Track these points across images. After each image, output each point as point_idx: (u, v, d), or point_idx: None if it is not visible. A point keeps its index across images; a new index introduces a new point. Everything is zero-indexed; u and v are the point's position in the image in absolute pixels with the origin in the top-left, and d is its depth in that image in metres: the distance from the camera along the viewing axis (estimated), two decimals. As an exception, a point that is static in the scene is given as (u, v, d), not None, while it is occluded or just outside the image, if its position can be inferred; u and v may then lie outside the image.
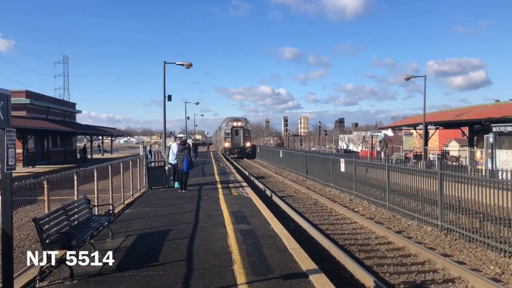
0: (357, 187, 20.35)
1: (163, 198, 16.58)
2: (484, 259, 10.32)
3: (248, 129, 64.71)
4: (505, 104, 33.88)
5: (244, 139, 63.05)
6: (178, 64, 25.86)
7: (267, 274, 7.16)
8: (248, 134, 64.51)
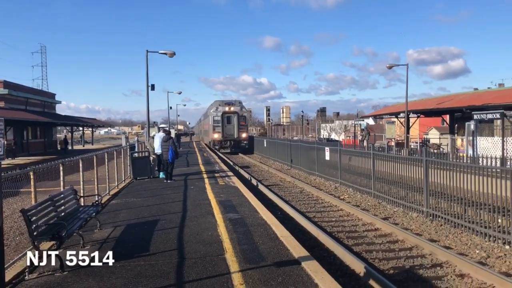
0: (342, 175, 20.49)
1: (149, 188, 16.44)
2: (469, 243, 10.51)
3: (244, 115, 49.69)
4: (485, 92, 34.42)
5: (239, 128, 48.32)
6: (161, 53, 25.54)
7: (260, 261, 7.16)
8: (245, 122, 49.67)
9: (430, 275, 8.47)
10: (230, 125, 48.41)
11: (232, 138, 48.27)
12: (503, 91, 30.94)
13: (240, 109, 49.07)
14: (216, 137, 47.99)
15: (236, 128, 48.16)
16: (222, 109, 48.02)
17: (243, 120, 49.36)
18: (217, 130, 48.00)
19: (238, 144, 48.23)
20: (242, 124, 48.79)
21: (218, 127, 47.94)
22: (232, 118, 48.37)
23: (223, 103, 49.33)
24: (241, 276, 6.50)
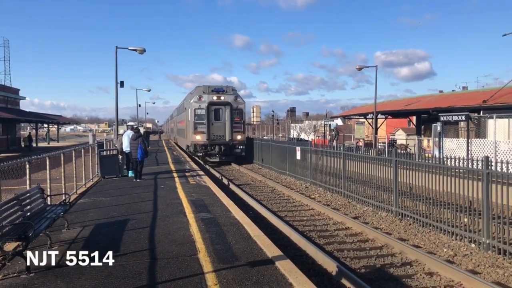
0: (313, 174, 20.64)
1: (118, 187, 16.12)
2: (437, 242, 10.75)
3: (240, 108, 33.01)
4: (450, 95, 35.38)
5: (232, 127, 32.21)
6: (131, 49, 25.15)
7: (234, 261, 7.11)
8: (240, 117, 33.07)
9: (401, 273, 8.61)
10: (220, 123, 32.02)
11: (222, 141, 31.90)
12: (468, 94, 31.88)
13: (234, 99, 32.29)
14: (199, 139, 31.39)
15: (229, 126, 31.90)
16: (208, 99, 31.64)
17: (239, 115, 32.51)
18: (200, 129, 31.66)
19: (231, 149, 32.12)
20: (237, 121, 32.26)
21: (201, 125, 31.67)
22: (223, 112, 32.04)
23: (209, 89, 32.09)
24: (215, 276, 6.43)
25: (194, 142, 31.87)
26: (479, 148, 19.77)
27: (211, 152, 31.99)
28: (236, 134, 32.11)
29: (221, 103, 32.03)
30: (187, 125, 33.94)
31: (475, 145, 20.17)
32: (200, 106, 31.73)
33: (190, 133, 32.57)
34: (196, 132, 31.69)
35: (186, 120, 34.83)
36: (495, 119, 19.58)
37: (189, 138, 33.24)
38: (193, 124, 31.83)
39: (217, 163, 32.54)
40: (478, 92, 29.89)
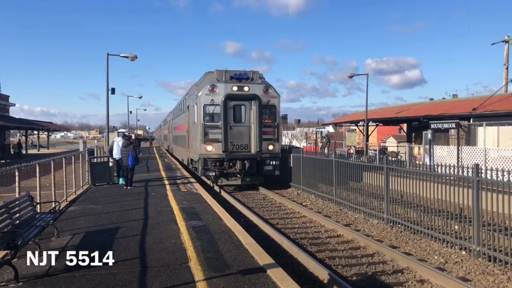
0: (304, 181, 20.65)
1: (108, 195, 16.01)
2: (428, 249, 10.78)
3: (273, 104, 21.50)
4: (440, 102, 35.68)
5: (261, 132, 20.83)
6: (122, 56, 25.08)
7: (225, 270, 7.07)
8: (273, 119, 21.48)
9: (392, 281, 8.62)
10: (243, 126, 21.11)
11: (246, 153, 21.00)
12: (458, 102, 32.16)
13: (264, 91, 21.36)
14: (211, 150, 20.75)
15: (256, 131, 20.79)
16: (226, 90, 20.85)
17: (271, 114, 21.53)
18: (213, 135, 20.76)
19: (259, 166, 21.18)
20: (268, 124, 21.29)
21: (214, 129, 20.77)
22: (247, 110, 21.12)
23: (226, 75, 21.22)
24: (206, 284, 6.39)
25: (203, 155, 20.33)
26: (469, 155, 19.93)
27: (229, 170, 20.48)
28: (267, 143, 20.67)
29: (245, 97, 20.56)
30: (192, 130, 22.98)
31: (465, 153, 20.33)
32: (212, 100, 20.38)
33: (196, 142, 21.28)
34: (207, 140, 20.29)
35: (189, 123, 24.45)
36: (485, 127, 19.76)
37: (194, 149, 22.14)
38: (201, 128, 20.39)
39: (239, 187, 21.81)
40: (468, 100, 30.17)
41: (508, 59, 31.72)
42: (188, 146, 25.22)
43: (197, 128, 21.12)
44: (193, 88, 25.08)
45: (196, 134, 21.31)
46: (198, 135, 20.82)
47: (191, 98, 23.50)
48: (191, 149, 23.86)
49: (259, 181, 21.53)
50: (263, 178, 21.47)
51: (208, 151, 20.44)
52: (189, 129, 24.73)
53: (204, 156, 20.55)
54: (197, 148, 21.28)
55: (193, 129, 22.63)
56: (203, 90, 20.80)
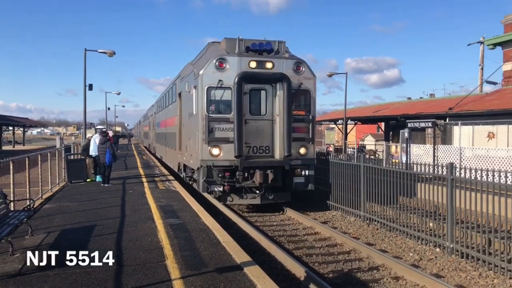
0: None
1: (85, 192, 15.79)
2: (404, 247, 10.97)
3: (306, 89, 14.70)
4: (417, 102, 36.25)
5: (290, 129, 13.99)
6: (100, 52, 24.77)
7: (202, 268, 7.06)
8: (307, 110, 14.84)
9: (368, 278, 8.74)
10: (263, 120, 14.62)
11: (269, 159, 14.47)
12: (435, 101, 32.72)
13: (295, 68, 14.61)
14: (218, 154, 14.13)
15: (283, 127, 14.15)
16: (240, 66, 14.07)
17: (304, 102, 15.03)
18: (221, 133, 14.16)
19: (285, 178, 14.67)
20: (300, 116, 14.75)
21: (223, 123, 14.18)
22: (270, 97, 14.62)
23: (241, 45, 14.26)
24: (182, 283, 6.37)
25: (207, 161, 14.09)
26: (445, 154, 20.31)
27: (243, 184, 14.20)
28: (298, 145, 14.48)
29: (267, 77, 14.21)
30: (187, 126, 17.10)
31: (441, 151, 20.71)
32: (221, 82, 14.02)
33: (195, 142, 14.96)
34: (213, 140, 14.06)
35: (181, 116, 18.84)
36: (460, 126, 20.17)
37: (191, 152, 15.91)
38: (204, 122, 14.06)
39: (256, 207, 15.60)
40: (444, 100, 30.71)
41: (483, 60, 32.38)
42: (180, 147, 18.96)
43: (196, 122, 14.41)
44: (187, 68, 17.92)
45: (195, 131, 14.58)
46: (199, 132, 14.07)
47: (187, 81, 16.82)
48: (185, 151, 17.12)
49: (286, 198, 14.90)
50: (290, 194, 15.02)
51: (213, 155, 13.86)
52: (181, 124, 18.68)
53: (208, 163, 13.85)
54: (196, 151, 14.51)
55: (189, 124, 16.25)
56: (207, 67, 13.90)
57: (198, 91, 14.22)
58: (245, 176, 14.00)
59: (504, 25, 28.34)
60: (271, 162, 14.19)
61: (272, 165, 14.14)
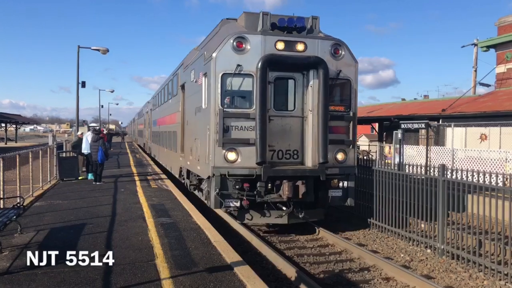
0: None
1: (77, 190, 15.70)
2: (395, 247, 10.99)
3: (346, 78, 11.69)
4: (411, 103, 36.39)
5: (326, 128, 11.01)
6: (94, 49, 24.65)
7: (192, 267, 7.03)
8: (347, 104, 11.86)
9: (358, 278, 8.74)
10: (291, 117, 11.62)
11: (299, 167, 11.44)
12: (428, 103, 32.84)
13: (333, 51, 11.57)
14: (234, 159, 11.04)
15: (319, 126, 11.04)
16: (264, 47, 10.98)
17: (343, 95, 12.18)
18: (239, 132, 11.05)
19: (318, 190, 11.67)
20: (338, 112, 11.72)
21: (240, 120, 11.05)
22: (298, 87, 11.64)
23: (264, 21, 11.22)
24: (171, 282, 6.34)
25: (221, 168, 11.08)
26: (438, 155, 20.36)
27: (267, 197, 11.27)
28: (335, 148, 11.64)
29: (298, 62, 11.26)
30: (193, 123, 14.15)
31: (434, 153, 20.76)
32: (240, 67, 11.06)
33: (204, 144, 11.96)
34: (229, 141, 11.07)
35: (184, 112, 15.87)
36: (453, 128, 20.22)
37: (197, 156, 12.93)
38: (217, 118, 11.01)
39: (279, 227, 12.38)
40: (438, 101, 30.81)
41: (477, 62, 32.54)
42: (182, 149, 16.12)
43: (206, 118, 11.56)
44: (193, 54, 15.20)
45: (204, 129, 11.70)
46: (211, 131, 11.09)
47: (193, 68, 13.85)
48: (190, 154, 14.17)
49: (319, 216, 12.04)
50: (323, 211, 12.21)
51: (229, 161, 10.95)
52: (184, 122, 15.65)
53: (223, 171, 10.91)
54: (206, 155, 11.54)
55: (195, 121, 13.34)
56: (222, 48, 11.00)
57: (209, 79, 11.21)
58: (268, 188, 11.08)
59: (498, 27, 28.48)
60: (303, 170, 11.18)
61: (304, 175, 11.12)
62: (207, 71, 11.42)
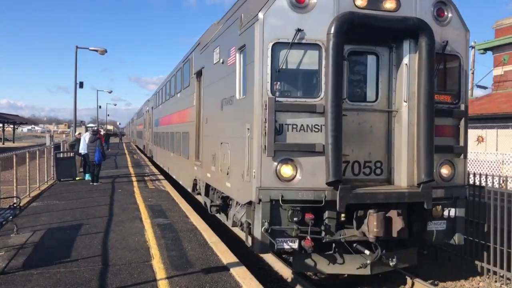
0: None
1: (74, 190, 15.69)
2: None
3: (456, 55, 7.88)
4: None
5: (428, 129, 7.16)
6: (92, 50, 24.63)
7: (188, 268, 7.04)
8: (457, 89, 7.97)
9: (356, 279, 8.72)
10: (372, 110, 7.82)
11: (392, 190, 7.37)
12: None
13: (436, 13, 7.68)
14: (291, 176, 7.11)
15: (422, 126, 7.22)
16: (338, 3, 7.10)
17: (449, 80, 8.19)
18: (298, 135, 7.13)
19: (414, 221, 7.67)
20: (445, 106, 7.83)
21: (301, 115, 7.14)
22: (383, 66, 7.81)
23: None
24: (167, 283, 6.35)
25: (271, 190, 7.04)
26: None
27: (341, 233, 7.28)
28: (441, 159, 7.69)
29: (387, 26, 7.21)
30: (217, 121, 10.09)
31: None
32: (300, 32, 7.11)
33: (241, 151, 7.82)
34: (282, 148, 7.05)
35: (202, 106, 12.01)
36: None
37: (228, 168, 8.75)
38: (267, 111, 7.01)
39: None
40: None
41: (474, 64, 32.63)
42: (197, 155, 12.37)
43: (244, 113, 7.99)
44: (214, 29, 11.00)
45: (240, 129, 8.04)
46: (253, 133, 7.37)
47: (218, 45, 10.07)
48: (213, 164, 10.14)
49: (411, 261, 8.13)
50: (416, 252, 8.27)
51: (284, 178, 7.18)
52: (201, 119, 12.00)
53: (275, 195, 7.08)
54: (244, 168, 7.74)
55: (222, 117, 9.60)
56: (273, 3, 7.22)
57: (251, 54, 7.45)
58: (341, 221, 7.30)
59: (495, 30, 28.57)
60: (400, 194, 7.28)
61: (402, 201, 7.35)
62: (247, 41, 7.70)
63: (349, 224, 7.25)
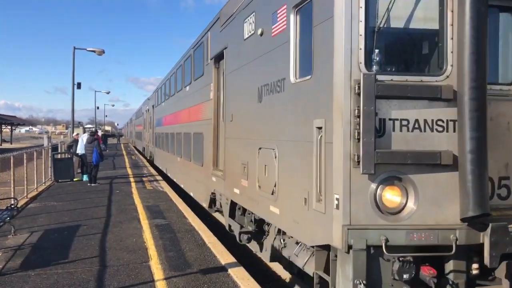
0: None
1: (71, 191, 15.66)
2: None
3: None
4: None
5: None
6: (89, 50, 24.60)
7: (186, 269, 7.03)
8: None
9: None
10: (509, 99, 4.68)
11: None
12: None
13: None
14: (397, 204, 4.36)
15: None
16: None
17: None
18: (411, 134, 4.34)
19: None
20: None
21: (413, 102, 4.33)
22: None
23: None
24: (165, 284, 6.34)
25: (368, 229, 4.25)
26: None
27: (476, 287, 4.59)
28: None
29: None
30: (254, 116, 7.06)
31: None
32: None
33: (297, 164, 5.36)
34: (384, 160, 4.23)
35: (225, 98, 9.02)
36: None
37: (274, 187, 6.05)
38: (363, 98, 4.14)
39: None
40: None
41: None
42: (216, 163, 10.00)
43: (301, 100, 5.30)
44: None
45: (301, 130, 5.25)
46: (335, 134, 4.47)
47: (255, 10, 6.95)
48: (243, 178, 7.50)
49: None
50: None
51: (388, 209, 4.37)
52: (222, 116, 9.45)
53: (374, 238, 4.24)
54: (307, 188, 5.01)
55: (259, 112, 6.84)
56: None
57: (327, 5, 4.64)
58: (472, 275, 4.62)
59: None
60: None
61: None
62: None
63: (483, 279, 4.64)
